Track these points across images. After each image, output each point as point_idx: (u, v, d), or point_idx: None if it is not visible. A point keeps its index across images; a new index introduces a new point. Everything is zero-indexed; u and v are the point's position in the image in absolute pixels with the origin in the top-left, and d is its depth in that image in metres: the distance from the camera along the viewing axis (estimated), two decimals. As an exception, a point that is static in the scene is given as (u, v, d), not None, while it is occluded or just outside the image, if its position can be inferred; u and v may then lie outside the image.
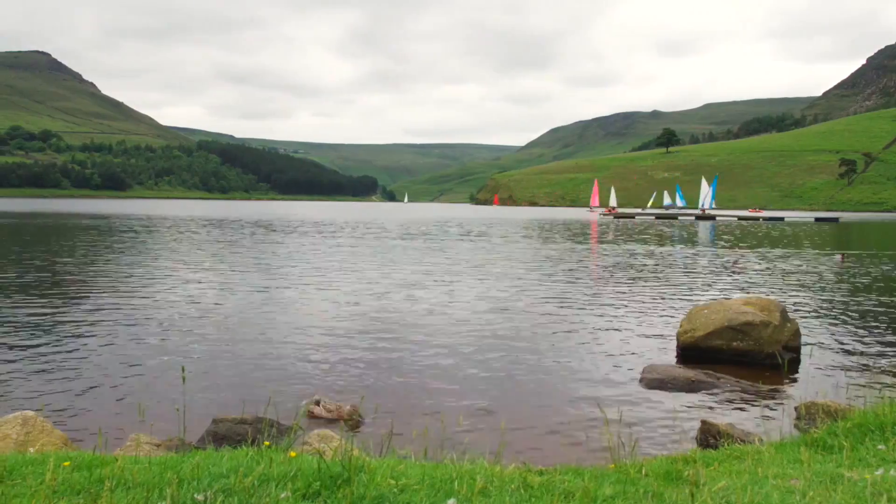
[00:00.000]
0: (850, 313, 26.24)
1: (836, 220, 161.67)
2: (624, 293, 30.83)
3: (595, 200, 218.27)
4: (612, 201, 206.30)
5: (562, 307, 26.79)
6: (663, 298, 29.39)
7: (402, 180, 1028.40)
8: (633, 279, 36.56)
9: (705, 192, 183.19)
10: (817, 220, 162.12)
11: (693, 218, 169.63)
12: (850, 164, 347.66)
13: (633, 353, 19.23)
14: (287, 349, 18.97)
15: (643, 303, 28.12)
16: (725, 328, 18.60)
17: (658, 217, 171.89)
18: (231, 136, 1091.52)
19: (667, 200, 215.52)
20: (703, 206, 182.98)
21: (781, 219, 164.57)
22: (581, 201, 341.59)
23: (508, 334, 21.50)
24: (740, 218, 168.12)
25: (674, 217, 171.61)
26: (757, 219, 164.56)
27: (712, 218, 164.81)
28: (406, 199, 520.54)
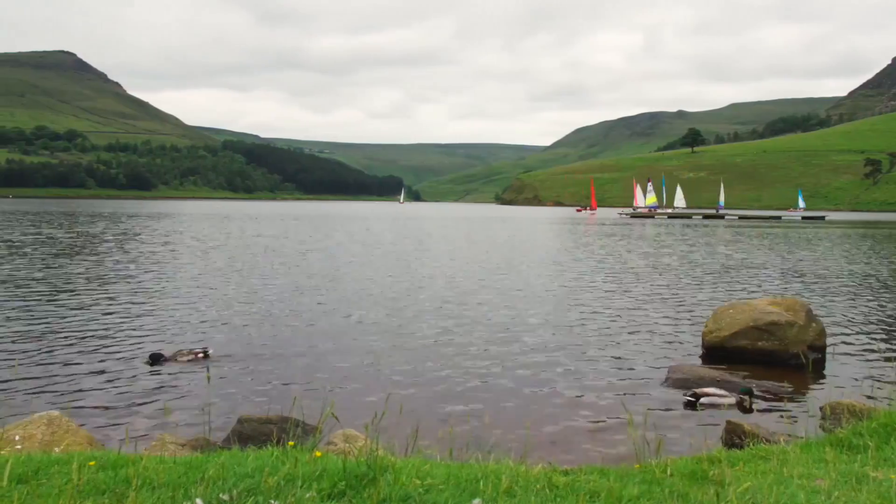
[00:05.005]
0: (876, 313, 26.10)
1: (822, 217, 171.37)
2: (649, 293, 30.75)
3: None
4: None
5: (588, 307, 26.75)
6: (689, 298, 29.30)
7: (428, 180, 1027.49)
8: (658, 279, 36.46)
9: None
10: (804, 218, 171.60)
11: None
12: (876, 164, 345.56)
13: (659, 353, 19.20)
14: (312, 348, 19.01)
15: (669, 302, 28.05)
16: (751, 328, 18.51)
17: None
18: (256, 136, 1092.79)
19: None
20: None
21: (779, 217, 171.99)
22: (607, 201, 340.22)
23: (532, 335, 21.48)
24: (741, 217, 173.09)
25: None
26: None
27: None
28: (402, 199, 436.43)
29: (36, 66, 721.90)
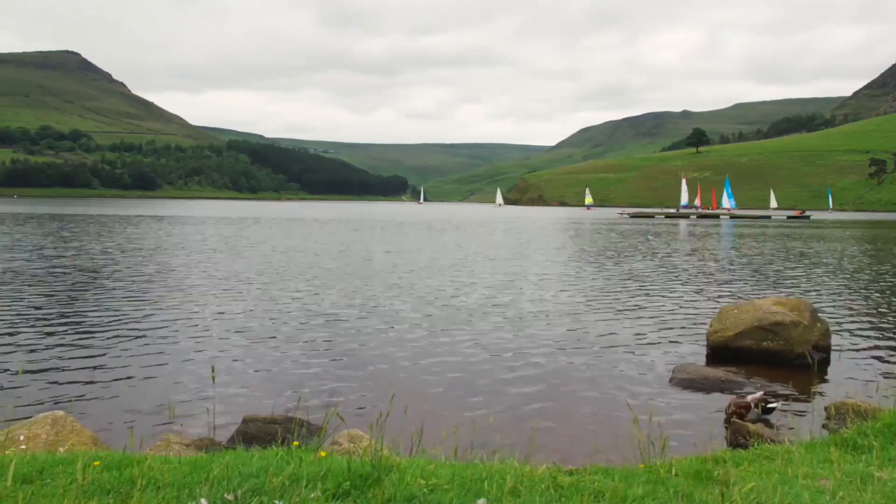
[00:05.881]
0: (881, 313, 26.08)
1: (806, 217, 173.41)
2: (654, 293, 30.72)
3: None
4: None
5: (592, 308, 26.73)
6: (693, 298, 29.28)
7: (433, 180, 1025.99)
8: (663, 279, 36.42)
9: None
10: (789, 217, 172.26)
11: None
12: (880, 164, 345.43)
13: (663, 353, 19.18)
14: (317, 348, 19.00)
15: (674, 303, 28.02)
16: (755, 328, 18.50)
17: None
18: (261, 136, 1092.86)
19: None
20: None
21: (768, 217, 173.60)
22: (611, 201, 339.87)
23: (538, 335, 21.46)
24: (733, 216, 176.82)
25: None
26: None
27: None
28: (421, 199, 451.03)
29: (40, 65, 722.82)
